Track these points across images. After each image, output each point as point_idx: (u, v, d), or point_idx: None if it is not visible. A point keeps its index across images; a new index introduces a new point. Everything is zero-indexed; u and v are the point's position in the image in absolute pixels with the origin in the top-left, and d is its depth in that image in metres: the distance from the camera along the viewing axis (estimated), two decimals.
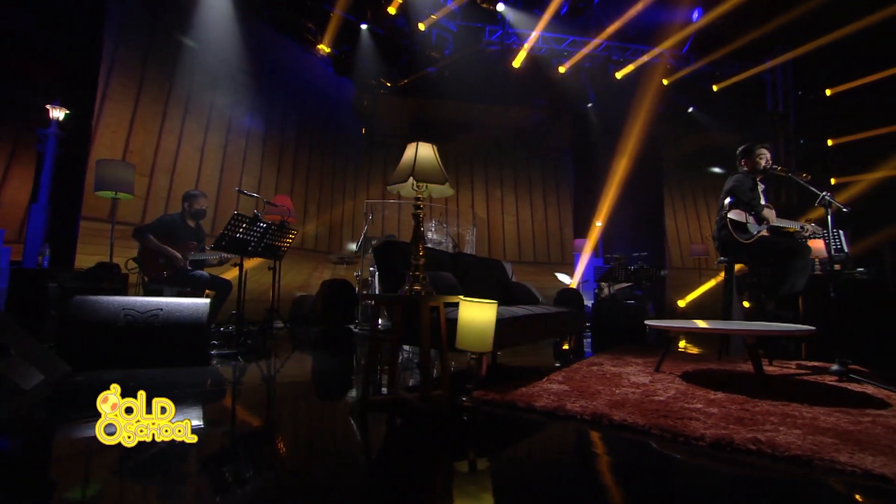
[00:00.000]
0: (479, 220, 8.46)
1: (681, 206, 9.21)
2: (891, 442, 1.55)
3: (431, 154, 2.28)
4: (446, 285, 3.02)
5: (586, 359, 3.45)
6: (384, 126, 8.65)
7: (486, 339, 2.07)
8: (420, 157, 2.24)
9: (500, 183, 8.80)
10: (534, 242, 8.68)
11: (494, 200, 8.72)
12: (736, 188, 3.44)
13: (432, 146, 2.32)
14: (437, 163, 2.26)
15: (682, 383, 2.50)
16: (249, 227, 3.80)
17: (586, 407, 1.95)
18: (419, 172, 2.18)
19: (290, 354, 3.84)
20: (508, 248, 8.56)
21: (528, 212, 8.76)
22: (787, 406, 2.01)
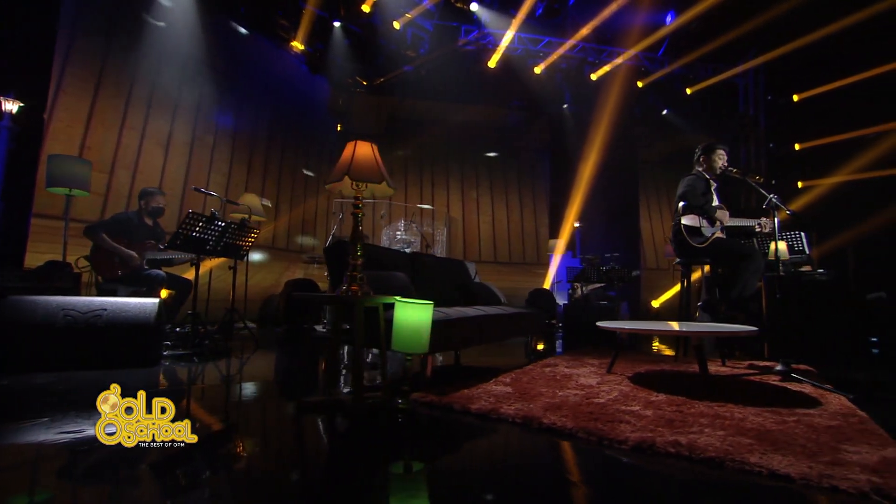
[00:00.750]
0: (454, 220, 8.44)
1: (656, 207, 9.29)
2: (806, 441, 1.55)
3: (370, 153, 2.24)
4: (398, 285, 2.98)
5: (542, 360, 3.44)
6: (360, 125, 8.58)
7: (422, 341, 2.04)
8: (357, 155, 2.20)
9: (475, 183, 8.79)
10: (509, 243, 8.69)
11: (470, 200, 8.71)
12: (688, 193, 3.45)
13: (372, 145, 2.28)
14: (375, 162, 2.22)
15: (628, 385, 2.50)
16: (206, 225, 3.71)
17: (521, 410, 1.93)
18: (355, 171, 2.15)
19: (246, 355, 3.76)
20: (484, 249, 8.56)
21: (504, 212, 8.77)
22: (721, 407, 2.02)
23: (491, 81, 8.32)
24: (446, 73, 8.49)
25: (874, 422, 1.87)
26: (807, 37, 7.57)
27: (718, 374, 2.88)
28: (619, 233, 8.93)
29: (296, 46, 7.34)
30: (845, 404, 2.15)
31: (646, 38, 8.03)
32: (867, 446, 1.53)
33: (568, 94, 8.69)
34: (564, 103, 8.83)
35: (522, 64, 8.19)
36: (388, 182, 2.23)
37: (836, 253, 7.47)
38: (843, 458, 1.41)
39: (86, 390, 2.24)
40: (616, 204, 8.96)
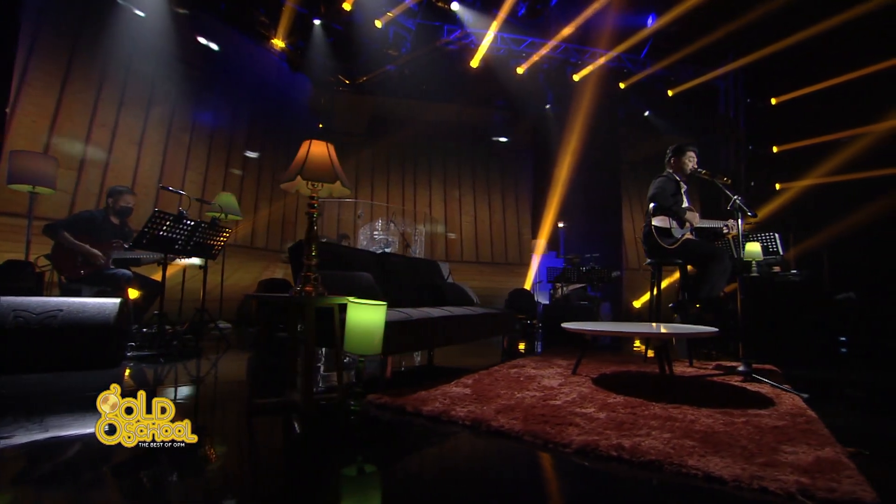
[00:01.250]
0: (436, 220, 8.42)
1: (638, 208, 9.35)
2: (748, 443, 1.56)
3: (325, 153, 2.22)
4: (362, 286, 2.96)
5: (512, 361, 3.44)
6: (342, 123, 8.53)
7: (374, 342, 2.02)
8: (312, 155, 2.18)
9: (458, 183, 8.78)
10: (491, 243, 8.69)
11: (452, 200, 8.69)
12: (658, 194, 3.47)
13: (328, 145, 2.26)
14: (329, 161, 2.20)
15: (590, 386, 2.50)
16: (174, 225, 3.65)
17: (473, 412, 1.92)
18: (308, 171, 2.12)
19: (214, 356, 3.70)
20: (465, 249, 8.55)
21: (487, 212, 8.77)
22: (676, 409, 2.02)
23: (474, 81, 8.32)
24: (429, 73, 8.47)
25: (821, 422, 1.88)
26: (783, 41, 7.68)
27: (683, 375, 2.88)
28: (601, 233, 8.97)
29: (276, 44, 7.27)
30: (798, 404, 2.16)
31: (627, 39, 8.07)
32: (806, 446, 1.54)
33: (550, 94, 8.72)
34: (547, 104, 8.85)
35: (505, 64, 8.19)
36: (343, 182, 2.21)
37: (811, 253, 7.57)
38: (778, 458, 1.42)
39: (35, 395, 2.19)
40: (598, 204, 8.99)
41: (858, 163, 7.35)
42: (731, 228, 3.57)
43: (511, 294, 6.67)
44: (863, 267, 6.90)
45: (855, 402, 2.52)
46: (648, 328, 2.59)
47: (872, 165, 7.16)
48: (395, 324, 2.48)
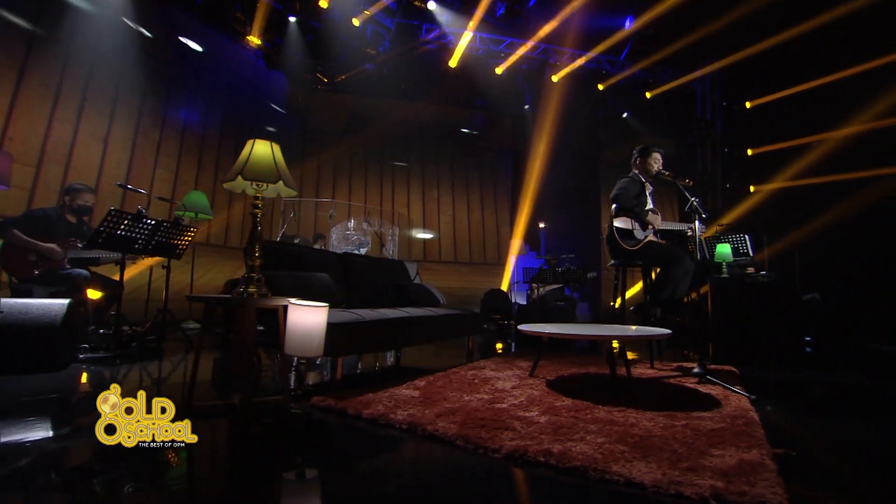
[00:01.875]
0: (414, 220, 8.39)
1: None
2: (680, 446, 1.55)
3: (268, 152, 2.17)
4: (318, 286, 2.91)
5: (474, 362, 3.42)
6: (320, 122, 8.44)
7: (314, 344, 1.97)
8: (254, 155, 2.13)
9: (436, 183, 8.75)
10: (470, 243, 8.67)
11: (431, 200, 8.66)
12: (619, 195, 3.47)
13: (272, 144, 2.22)
14: (272, 161, 2.15)
15: (542, 389, 2.48)
16: (133, 224, 3.56)
17: (413, 416, 1.89)
18: (250, 170, 2.08)
19: (175, 357, 3.63)
20: (444, 249, 8.52)
21: (465, 212, 8.75)
22: (621, 412, 2.01)
23: (453, 81, 8.30)
24: (408, 72, 8.42)
25: (759, 423, 1.89)
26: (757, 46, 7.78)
27: (641, 378, 2.89)
28: (580, 234, 9.01)
29: (252, 41, 7.16)
30: (743, 406, 2.17)
31: (607, 41, 8.10)
32: (735, 449, 1.54)
33: (529, 95, 8.73)
34: (525, 104, 8.86)
35: (484, 64, 8.18)
36: (287, 182, 2.16)
37: (784, 255, 7.67)
38: (703, 462, 1.41)
39: None
40: (578, 205, 9.03)
41: (827, 166, 7.48)
42: (696, 232, 3.58)
43: (486, 294, 6.66)
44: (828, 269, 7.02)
45: (803, 403, 2.54)
46: (603, 331, 2.59)
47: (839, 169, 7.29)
48: (346, 325, 2.44)
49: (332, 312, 2.56)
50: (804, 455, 1.65)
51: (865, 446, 1.81)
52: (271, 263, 2.87)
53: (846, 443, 1.85)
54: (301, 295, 2.76)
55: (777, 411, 2.26)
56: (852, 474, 1.53)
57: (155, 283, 5.23)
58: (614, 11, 7.93)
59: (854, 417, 2.30)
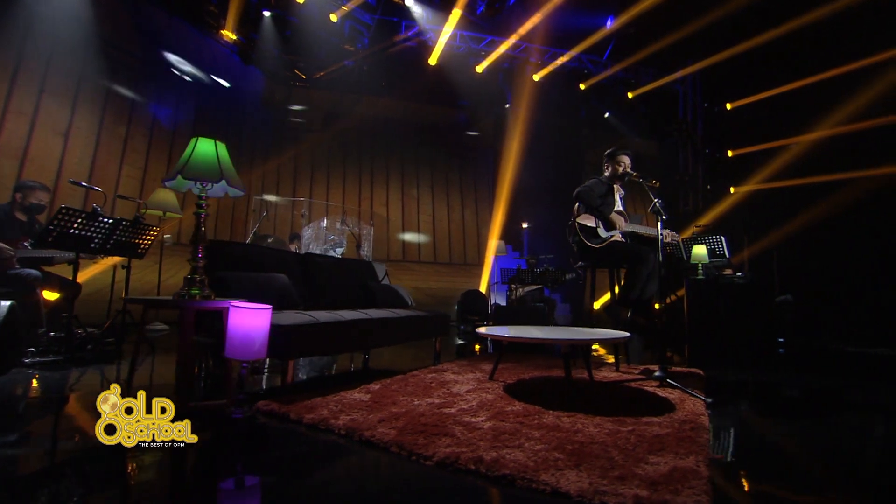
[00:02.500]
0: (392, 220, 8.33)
1: None
2: (618, 453, 1.53)
3: (212, 151, 2.12)
4: (275, 287, 2.86)
5: (438, 365, 3.39)
6: (297, 119, 8.33)
7: (255, 347, 1.92)
8: (197, 153, 2.07)
9: (416, 182, 8.70)
10: (450, 243, 8.64)
11: (410, 199, 8.61)
12: (582, 192, 3.46)
13: (216, 142, 2.16)
14: (215, 160, 2.10)
15: (498, 393, 2.46)
16: (87, 222, 3.46)
17: (354, 421, 1.85)
18: (191, 169, 2.02)
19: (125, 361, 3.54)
20: (423, 249, 8.48)
21: (445, 211, 8.71)
22: (570, 417, 1.99)
23: (433, 79, 8.26)
24: (388, 70, 8.37)
25: (708, 428, 1.88)
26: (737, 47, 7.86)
27: (603, 381, 2.87)
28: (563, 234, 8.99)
29: (226, 35, 7.06)
30: (696, 410, 2.16)
31: (588, 40, 8.12)
32: (672, 455, 1.52)
33: (509, 93, 8.72)
34: (507, 103, 8.85)
35: (465, 62, 8.15)
36: (230, 181, 2.11)
37: (763, 255, 7.76)
38: (635, 470, 1.39)
39: None
40: (560, 205, 9.03)
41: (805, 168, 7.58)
42: (664, 236, 3.56)
43: (464, 295, 6.64)
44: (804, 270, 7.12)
45: (759, 406, 2.55)
46: (557, 334, 2.57)
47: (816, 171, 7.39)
48: (299, 327, 2.40)
49: (284, 314, 2.52)
50: (743, 460, 1.65)
51: (811, 450, 1.81)
52: (226, 264, 2.81)
53: (792, 447, 1.85)
54: (256, 297, 2.71)
55: (731, 415, 2.26)
56: (787, 479, 1.52)
57: (119, 284, 5.12)
58: (595, 10, 7.96)
59: (807, 420, 2.30)
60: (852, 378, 3.52)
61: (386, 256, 8.23)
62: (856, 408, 2.49)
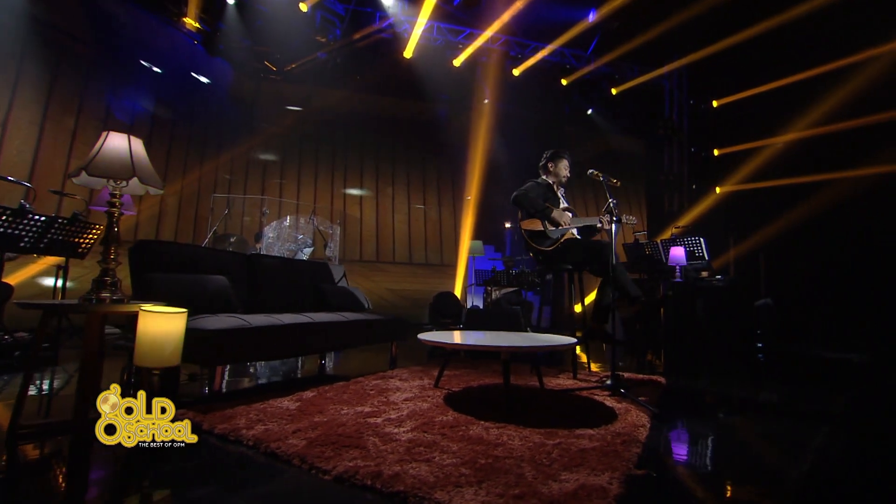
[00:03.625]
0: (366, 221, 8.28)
1: (582, 210, 9.44)
2: (531, 469, 1.50)
3: (124, 146, 2.07)
4: (212, 290, 2.80)
5: (389, 371, 3.36)
6: (268, 114, 8.25)
7: (165, 353, 1.87)
8: (106, 148, 2.02)
9: (391, 179, 8.66)
10: (426, 243, 8.60)
11: (385, 197, 8.56)
12: (518, 196, 3.39)
13: (131, 138, 2.11)
14: (128, 156, 2.04)
15: (436, 402, 2.42)
16: (14, 219, 3.38)
17: (267, 431, 1.82)
18: (97, 166, 1.97)
19: (65, 366, 3.46)
20: (398, 249, 8.43)
21: (422, 210, 8.68)
22: (499, 429, 1.96)
23: (410, 73, 8.20)
24: (363, 63, 8.31)
25: (643, 441, 1.86)
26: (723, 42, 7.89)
27: (554, 389, 2.85)
28: None
29: (189, 23, 6.95)
30: (638, 422, 2.14)
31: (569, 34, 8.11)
32: (587, 472, 1.50)
33: (489, 89, 8.70)
34: (485, 98, 8.84)
35: (442, 56, 8.12)
36: (143, 180, 2.06)
37: (749, 257, 7.80)
38: (539, 489, 1.36)
39: None
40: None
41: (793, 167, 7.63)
42: (604, 224, 3.52)
43: (436, 297, 6.60)
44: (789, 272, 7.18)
45: (710, 417, 2.54)
46: (503, 340, 2.55)
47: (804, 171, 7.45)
48: (227, 332, 2.35)
49: (214, 318, 2.46)
50: (666, 477, 1.63)
51: (742, 465, 1.80)
52: (156, 265, 2.75)
53: (723, 463, 1.84)
54: (186, 300, 2.66)
55: (673, 428, 2.25)
56: (705, 499, 1.50)
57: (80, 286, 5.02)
58: (578, 2, 7.95)
59: (749, 434, 2.30)
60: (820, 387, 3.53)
61: (359, 257, 8.18)
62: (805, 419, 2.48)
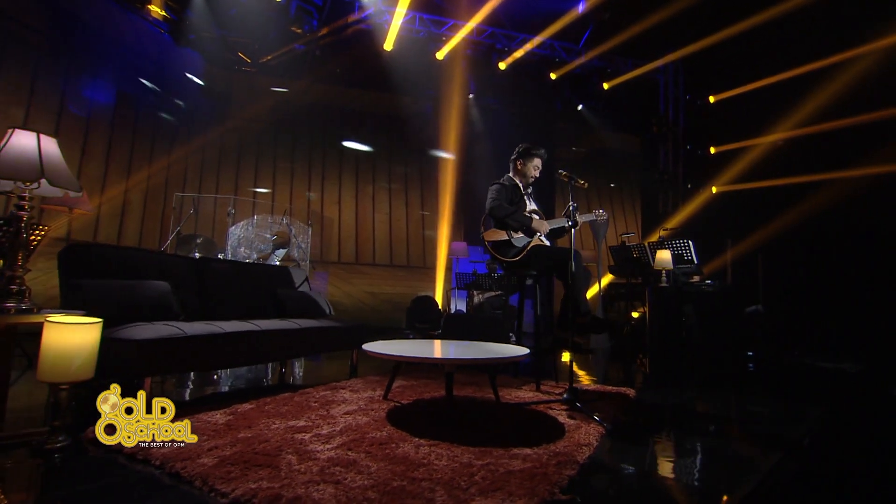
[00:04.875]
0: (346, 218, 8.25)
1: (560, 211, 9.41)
2: (443, 494, 1.48)
3: (32, 145, 2.04)
4: (150, 297, 2.77)
5: (346, 380, 3.34)
6: (242, 108, 8.21)
7: (73, 367, 1.85)
8: (10, 147, 2.00)
9: (372, 178, 8.63)
10: (408, 244, 8.58)
11: (365, 196, 8.54)
12: (495, 209, 3.33)
13: (39, 135, 2.08)
14: (36, 156, 2.02)
15: (376, 416, 2.40)
16: None
17: (181, 449, 1.78)
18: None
19: None
20: (378, 251, 8.41)
21: (403, 210, 8.65)
22: (431, 447, 1.94)
23: (391, 67, 8.18)
24: (342, 56, 8.29)
25: (579, 463, 1.84)
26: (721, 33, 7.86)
27: (509, 402, 2.83)
28: None
29: (154, 11, 6.91)
30: (584, 441, 2.11)
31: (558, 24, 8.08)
32: (504, 496, 1.48)
33: (474, 83, 8.69)
34: (470, 93, 8.82)
35: (425, 48, 8.10)
36: (53, 181, 2.03)
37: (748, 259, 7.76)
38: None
39: None
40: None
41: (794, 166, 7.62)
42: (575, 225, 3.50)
43: (413, 302, 6.59)
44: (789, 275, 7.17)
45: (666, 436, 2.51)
46: (451, 351, 2.53)
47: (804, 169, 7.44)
48: (155, 342, 2.33)
49: (146, 327, 2.43)
50: (589, 501, 1.61)
51: (681, 491, 1.78)
52: (89, 271, 2.72)
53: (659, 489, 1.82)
54: (122, 307, 2.64)
55: (620, 448, 2.22)
56: None
57: None
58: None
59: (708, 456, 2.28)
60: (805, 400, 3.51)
61: (337, 258, 8.16)
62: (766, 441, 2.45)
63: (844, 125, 7.02)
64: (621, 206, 10.10)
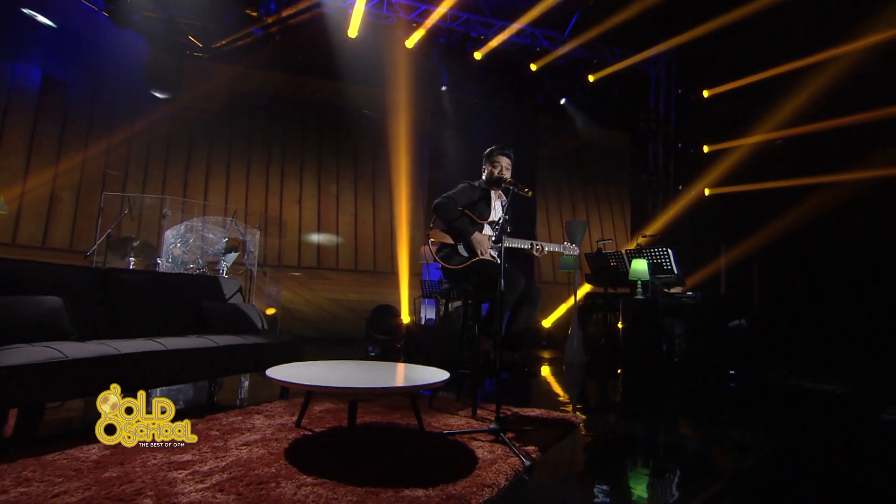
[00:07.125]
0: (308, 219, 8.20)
1: (556, 211, 9.43)
2: None
3: None
4: (36, 315, 2.72)
5: (271, 402, 3.30)
6: (192, 97, 8.14)
7: None
8: None
9: (335, 176, 8.59)
10: (375, 248, 8.55)
11: (328, 196, 8.49)
12: (440, 204, 3.32)
13: None
14: None
15: (273, 448, 2.36)
16: None
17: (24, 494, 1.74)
18: None
19: None
20: (343, 255, 8.37)
21: (370, 211, 8.62)
22: (315, 487, 1.91)
23: (357, 55, 8.13)
24: (305, 42, 8.25)
25: None
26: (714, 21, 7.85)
27: (434, 432, 2.80)
28: None
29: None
30: (492, 480, 2.08)
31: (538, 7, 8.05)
32: None
33: (446, 74, 8.66)
34: (443, 85, 8.79)
35: (394, 36, 8.07)
36: None
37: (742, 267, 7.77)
38: None
39: None
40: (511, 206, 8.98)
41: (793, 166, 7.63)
42: (541, 250, 3.53)
43: (373, 311, 6.55)
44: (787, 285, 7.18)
45: (599, 472, 2.50)
46: (357, 378, 2.50)
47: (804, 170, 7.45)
48: (23, 368, 2.26)
49: (19, 351, 2.36)
50: None
51: None
52: None
53: None
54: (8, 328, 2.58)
55: (537, 485, 2.20)
56: None
57: None
58: None
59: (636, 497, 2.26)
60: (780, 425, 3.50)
61: (297, 262, 8.10)
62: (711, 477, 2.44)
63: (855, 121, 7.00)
64: (609, 208, 10.10)
